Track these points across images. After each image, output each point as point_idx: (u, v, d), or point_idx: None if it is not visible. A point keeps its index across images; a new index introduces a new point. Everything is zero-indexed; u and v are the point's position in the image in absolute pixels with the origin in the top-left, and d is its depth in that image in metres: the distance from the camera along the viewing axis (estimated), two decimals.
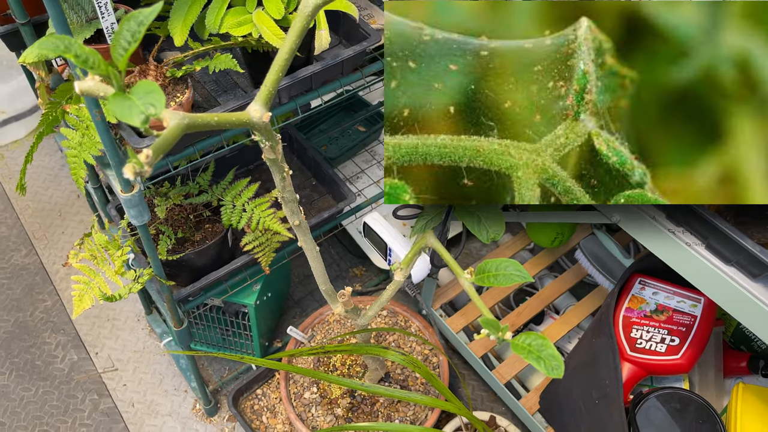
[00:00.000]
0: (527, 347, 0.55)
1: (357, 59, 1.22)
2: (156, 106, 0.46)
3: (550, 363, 0.54)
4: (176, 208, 1.35)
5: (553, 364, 0.54)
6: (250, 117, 0.64)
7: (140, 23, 0.47)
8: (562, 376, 0.53)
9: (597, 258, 1.78)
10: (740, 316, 0.92)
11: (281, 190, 0.79)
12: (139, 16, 0.46)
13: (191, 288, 1.35)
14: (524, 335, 0.56)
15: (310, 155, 1.66)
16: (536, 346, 0.55)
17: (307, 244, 0.91)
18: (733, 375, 1.45)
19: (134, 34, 0.47)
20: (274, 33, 1.00)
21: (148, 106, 0.46)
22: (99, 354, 1.86)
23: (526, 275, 0.62)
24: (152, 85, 0.47)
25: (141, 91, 0.47)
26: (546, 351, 0.54)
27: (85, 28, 1.06)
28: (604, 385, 1.24)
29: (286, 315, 1.95)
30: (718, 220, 0.89)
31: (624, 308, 1.35)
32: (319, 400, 1.57)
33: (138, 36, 0.47)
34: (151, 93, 0.47)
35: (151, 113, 0.46)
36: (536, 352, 0.55)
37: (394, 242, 1.41)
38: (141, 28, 0.47)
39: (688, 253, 0.94)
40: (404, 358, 1.24)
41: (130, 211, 1.07)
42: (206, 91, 1.20)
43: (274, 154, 0.72)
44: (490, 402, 1.79)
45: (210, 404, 1.72)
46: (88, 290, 1.21)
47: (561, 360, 0.54)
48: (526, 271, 0.63)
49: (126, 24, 0.47)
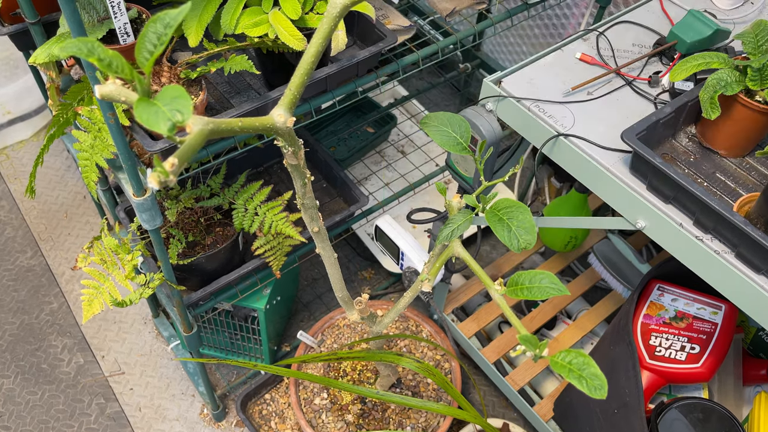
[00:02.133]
0: (568, 365, 0.53)
1: (372, 60, 1.19)
2: (183, 113, 0.44)
3: (592, 383, 0.51)
4: (187, 211, 1.33)
5: (596, 384, 0.51)
6: (274, 122, 0.62)
7: (167, 25, 0.44)
8: (605, 396, 0.51)
9: (611, 262, 1.75)
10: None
11: (301, 196, 0.76)
12: (165, 18, 0.44)
13: (201, 292, 1.33)
14: (564, 353, 0.54)
15: (321, 157, 1.64)
16: (577, 365, 0.52)
17: (326, 251, 0.88)
18: (752, 383, 1.43)
19: (160, 37, 0.45)
20: (290, 34, 0.98)
21: (174, 113, 0.44)
22: (105, 357, 1.84)
23: (563, 288, 0.60)
24: (178, 90, 0.45)
25: (167, 96, 0.44)
26: (588, 370, 0.52)
27: (97, 28, 1.03)
28: (623, 394, 1.22)
29: (294, 318, 1.92)
30: (749, 228, 0.86)
31: (642, 315, 1.33)
32: (329, 406, 1.54)
33: (165, 39, 0.44)
34: (177, 99, 0.44)
35: (178, 120, 0.44)
36: (577, 371, 0.52)
37: (407, 246, 1.38)
38: (168, 31, 0.44)
39: (717, 262, 0.92)
40: (419, 366, 1.22)
41: (142, 215, 1.05)
42: (219, 93, 1.18)
43: (297, 159, 0.69)
44: (501, 408, 1.77)
45: (218, 409, 1.70)
46: (98, 295, 1.18)
47: (604, 379, 0.52)
48: (562, 284, 0.60)
49: (152, 26, 0.44)
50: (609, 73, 1.15)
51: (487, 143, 1.13)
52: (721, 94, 0.94)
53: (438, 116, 0.78)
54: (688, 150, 1.06)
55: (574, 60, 1.19)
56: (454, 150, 0.75)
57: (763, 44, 0.96)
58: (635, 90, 1.14)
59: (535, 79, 1.15)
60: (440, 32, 1.89)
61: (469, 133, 0.75)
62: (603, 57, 1.20)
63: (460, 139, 0.75)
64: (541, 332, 1.79)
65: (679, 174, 0.91)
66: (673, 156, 1.05)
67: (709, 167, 1.04)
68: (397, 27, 1.30)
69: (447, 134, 0.76)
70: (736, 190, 1.01)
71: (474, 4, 1.38)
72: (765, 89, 0.94)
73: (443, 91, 2.45)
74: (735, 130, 1.00)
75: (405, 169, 1.97)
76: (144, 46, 0.45)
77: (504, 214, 0.69)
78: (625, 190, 1.00)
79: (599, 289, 1.87)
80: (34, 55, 1.02)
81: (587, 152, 1.03)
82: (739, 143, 1.02)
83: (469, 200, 0.74)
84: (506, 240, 0.66)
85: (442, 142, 0.75)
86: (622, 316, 1.32)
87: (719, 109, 0.94)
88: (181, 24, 1.02)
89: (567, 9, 1.93)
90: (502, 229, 0.67)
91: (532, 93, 1.12)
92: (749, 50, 0.97)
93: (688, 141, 1.07)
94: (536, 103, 1.11)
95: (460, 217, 0.73)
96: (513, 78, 1.15)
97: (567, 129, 1.07)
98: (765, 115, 0.96)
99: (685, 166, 1.04)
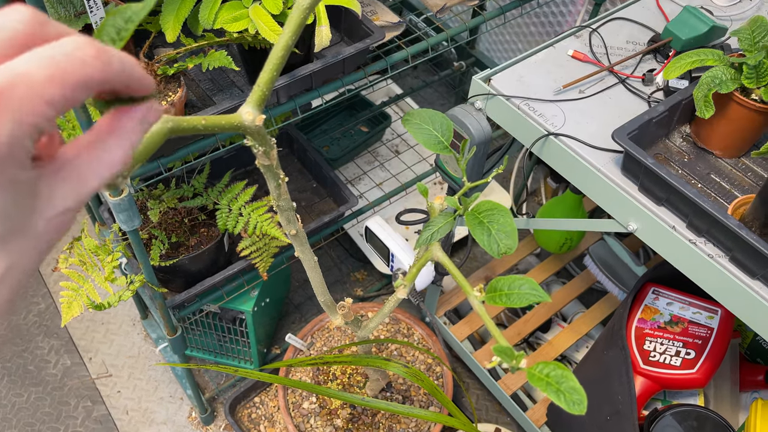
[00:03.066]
0: (545, 378, 0.50)
1: (359, 57, 1.16)
2: None
3: (571, 397, 0.48)
4: (170, 211, 1.30)
5: (574, 399, 0.48)
6: (242, 120, 0.59)
7: (128, 20, 0.40)
8: (584, 411, 0.48)
9: (606, 264, 1.72)
10: (766, 333, 0.87)
11: (276, 197, 0.73)
12: (127, 12, 0.40)
13: (186, 294, 1.30)
14: (542, 364, 0.51)
15: (311, 157, 1.61)
16: (555, 378, 0.49)
17: (305, 255, 0.85)
18: (749, 389, 1.40)
19: (120, 32, 0.41)
20: (271, 29, 0.95)
21: None
22: (93, 359, 1.81)
23: (543, 295, 0.57)
24: None
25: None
26: (566, 383, 0.49)
27: (72, 22, 1.01)
28: (616, 401, 1.19)
29: (285, 320, 1.89)
30: (743, 231, 0.83)
31: (636, 319, 1.30)
32: (318, 411, 1.51)
33: (125, 35, 0.41)
34: None
35: None
36: (555, 384, 0.49)
37: (396, 248, 1.35)
38: (129, 26, 0.41)
39: (711, 266, 0.88)
40: (407, 371, 1.19)
41: (119, 216, 1.02)
42: (201, 90, 1.15)
43: (269, 160, 0.66)
44: (494, 412, 1.74)
45: (206, 412, 1.67)
46: (77, 297, 1.15)
47: (584, 394, 0.48)
48: (543, 291, 0.57)
49: (111, 20, 0.41)
50: (601, 71, 1.12)
51: (477, 142, 1.09)
52: (716, 92, 0.91)
53: (420, 113, 0.75)
54: (682, 150, 1.03)
55: (566, 57, 1.16)
56: (435, 149, 0.72)
57: (759, 41, 0.93)
58: (628, 88, 1.11)
59: (526, 76, 1.12)
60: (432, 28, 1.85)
61: (451, 132, 0.72)
62: (596, 54, 1.17)
63: (441, 137, 0.72)
64: (536, 335, 1.76)
65: (671, 175, 0.88)
66: (666, 156, 1.02)
67: (703, 168, 1.01)
68: (385, 23, 1.27)
69: (428, 132, 0.72)
70: (731, 191, 0.98)
71: (465, 0, 1.35)
72: (761, 87, 0.91)
73: (438, 89, 2.42)
74: (730, 130, 0.97)
75: (397, 168, 1.94)
76: (102, 41, 0.42)
77: (484, 217, 0.66)
78: (616, 192, 0.97)
79: (595, 291, 1.83)
80: None
81: (578, 152, 1.00)
82: (734, 143, 0.99)
83: (450, 202, 0.71)
84: (486, 244, 0.63)
85: (423, 140, 0.72)
86: (616, 320, 1.29)
87: (713, 108, 0.91)
88: (159, 19, 0.99)
89: (563, 6, 1.90)
90: (482, 233, 0.64)
91: (523, 91, 1.09)
92: (745, 47, 0.94)
93: (682, 141, 1.04)
94: (526, 101, 1.07)
95: (440, 219, 0.70)
96: (503, 75, 1.12)
97: (557, 128, 1.03)
98: (761, 113, 0.92)
99: (678, 167, 1.01)
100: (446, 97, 2.40)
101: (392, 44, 1.29)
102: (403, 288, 0.74)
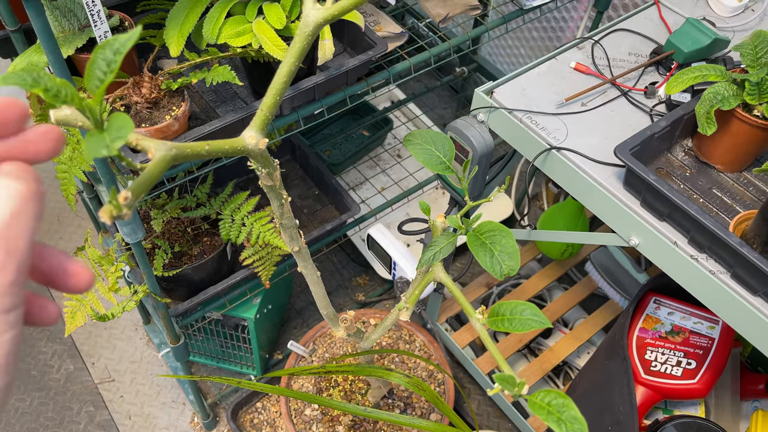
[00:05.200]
0: (546, 406, 0.50)
1: (362, 69, 1.17)
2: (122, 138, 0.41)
3: (571, 427, 0.49)
4: (173, 221, 1.30)
5: (575, 428, 0.49)
6: (245, 144, 0.59)
7: (116, 52, 0.41)
8: None
9: (608, 271, 1.73)
10: (767, 349, 0.87)
11: (279, 216, 0.74)
12: (114, 44, 0.41)
13: (189, 303, 1.30)
14: (543, 393, 0.51)
15: (313, 164, 1.61)
16: (557, 407, 0.50)
17: (308, 270, 0.86)
18: (750, 397, 1.40)
19: (110, 64, 0.42)
20: (275, 44, 0.95)
21: (114, 140, 0.41)
22: (95, 364, 1.82)
23: (545, 320, 0.57)
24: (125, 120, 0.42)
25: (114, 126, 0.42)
26: (567, 413, 0.49)
27: (77, 36, 1.01)
28: (617, 411, 1.19)
29: (287, 325, 1.90)
30: (745, 249, 0.83)
31: (638, 328, 1.30)
32: (320, 417, 1.52)
33: (114, 66, 0.42)
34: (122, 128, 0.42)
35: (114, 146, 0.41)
36: (556, 413, 0.49)
37: (399, 256, 1.35)
38: (117, 57, 0.42)
39: (712, 282, 0.89)
40: (409, 381, 1.19)
41: (123, 229, 1.02)
42: (204, 102, 1.15)
43: (272, 180, 0.66)
44: (496, 418, 1.74)
45: (208, 418, 1.68)
46: (80, 307, 1.16)
47: (584, 423, 0.49)
48: (545, 316, 0.57)
49: (100, 52, 0.42)
50: (604, 84, 1.12)
51: (479, 155, 1.10)
52: (718, 108, 0.91)
53: (422, 134, 0.75)
54: (684, 164, 1.03)
55: (569, 69, 1.16)
56: (437, 170, 0.72)
57: (761, 57, 0.93)
58: (631, 101, 1.11)
59: (529, 89, 1.12)
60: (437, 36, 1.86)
61: (453, 153, 0.73)
62: (598, 66, 1.17)
63: (443, 158, 0.72)
64: (537, 341, 1.76)
65: (673, 191, 0.89)
66: (668, 170, 1.02)
67: (705, 182, 1.01)
68: (388, 34, 1.27)
69: (430, 153, 0.73)
70: (732, 206, 0.98)
71: (468, 9, 1.35)
72: (763, 104, 0.91)
73: (440, 94, 2.42)
74: (732, 145, 0.97)
75: (399, 175, 1.94)
76: (94, 74, 0.43)
77: (487, 238, 0.66)
78: (618, 206, 0.97)
79: (597, 297, 1.84)
80: (13, 64, 1.00)
81: (580, 166, 1.01)
82: (736, 158, 0.99)
83: (452, 221, 0.71)
84: (488, 266, 0.64)
85: (425, 161, 0.73)
86: (618, 329, 1.29)
87: (716, 125, 0.91)
88: (162, 32, 0.99)
89: (565, 12, 1.90)
90: (485, 255, 0.64)
91: (525, 104, 1.09)
92: (747, 62, 0.94)
93: (684, 155, 1.04)
94: (528, 114, 1.08)
95: (442, 239, 0.70)
96: (505, 88, 1.12)
97: (560, 142, 1.04)
98: (763, 130, 0.93)
99: (680, 181, 1.01)
100: (448, 101, 2.40)
101: (395, 54, 1.29)
102: (405, 311, 0.75)
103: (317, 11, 0.54)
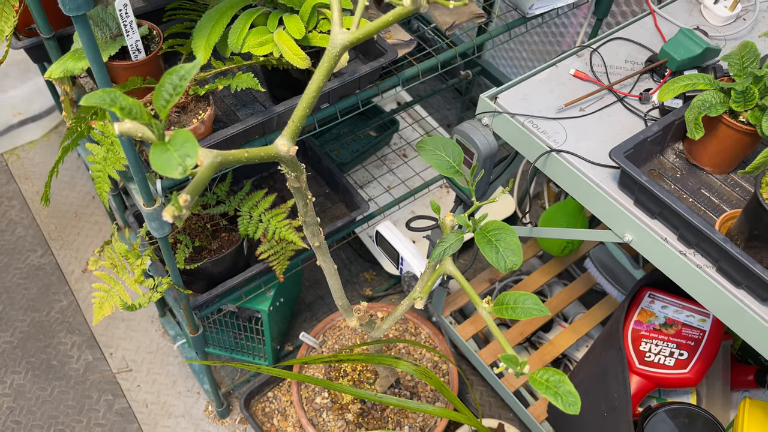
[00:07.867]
0: (545, 382, 0.57)
1: (373, 75, 1.24)
2: (191, 156, 0.48)
3: (567, 399, 0.56)
4: (194, 217, 1.38)
5: (569, 401, 0.56)
6: (278, 151, 0.66)
7: (182, 77, 0.49)
8: (578, 412, 0.55)
9: (606, 268, 1.80)
10: (749, 338, 0.94)
11: (303, 214, 0.81)
12: (181, 71, 0.48)
13: (207, 295, 1.38)
14: (542, 370, 0.58)
15: (324, 164, 1.69)
16: (554, 382, 0.57)
17: (326, 263, 0.93)
18: (740, 388, 1.47)
19: (176, 87, 0.50)
20: (294, 53, 1.02)
21: (185, 158, 0.48)
22: (113, 354, 1.90)
23: (545, 309, 0.64)
24: (187, 135, 0.49)
25: (178, 141, 0.49)
26: (563, 387, 0.56)
27: (109, 44, 1.08)
28: (613, 398, 1.26)
29: (296, 318, 1.97)
30: (728, 245, 0.90)
31: (633, 321, 1.37)
32: (330, 405, 1.59)
33: (180, 89, 0.49)
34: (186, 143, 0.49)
35: (188, 164, 0.48)
36: (554, 387, 0.57)
37: (407, 252, 1.43)
38: (183, 83, 0.49)
39: (699, 275, 0.96)
40: (416, 369, 1.27)
41: (152, 224, 1.10)
42: (226, 105, 1.23)
43: (299, 183, 0.74)
44: (498, 408, 1.82)
45: (222, 406, 1.75)
46: (108, 298, 1.23)
47: (578, 397, 0.56)
48: (544, 306, 0.65)
49: (168, 77, 0.49)
50: (601, 90, 1.19)
51: (483, 156, 1.17)
52: (706, 114, 0.98)
53: (433, 140, 0.82)
54: (675, 166, 1.10)
55: (568, 76, 1.23)
56: (447, 173, 0.79)
57: (747, 66, 1.00)
58: (626, 106, 1.18)
59: (530, 94, 1.20)
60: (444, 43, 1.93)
61: (461, 157, 0.80)
62: (596, 73, 1.24)
63: (452, 162, 0.80)
64: (538, 334, 1.84)
65: (663, 191, 0.96)
66: (660, 172, 1.09)
67: (694, 183, 1.08)
68: (397, 41, 1.34)
69: (441, 158, 0.80)
70: (720, 205, 1.05)
71: (473, 17, 1.42)
72: (748, 110, 0.98)
73: (445, 95, 2.50)
74: (720, 149, 1.04)
75: (406, 174, 2.01)
76: (161, 95, 0.50)
77: (492, 236, 0.73)
78: (613, 205, 1.04)
79: (595, 293, 1.91)
80: (50, 70, 1.07)
81: (578, 167, 1.08)
82: (723, 161, 1.06)
83: (461, 220, 0.79)
84: (493, 261, 0.71)
85: (436, 165, 0.80)
86: (614, 322, 1.37)
87: (703, 130, 0.98)
88: (190, 42, 1.07)
89: (566, 18, 1.97)
90: (491, 250, 0.72)
91: (527, 109, 1.17)
92: (734, 72, 1.01)
93: (676, 157, 1.11)
94: (530, 118, 1.15)
95: (452, 236, 0.77)
96: (508, 94, 1.19)
97: (559, 145, 1.11)
98: (748, 135, 1.00)
99: (671, 182, 1.08)
100: (453, 103, 2.47)
101: (404, 60, 1.36)
102: (420, 300, 0.82)
103: (344, 35, 0.61)
